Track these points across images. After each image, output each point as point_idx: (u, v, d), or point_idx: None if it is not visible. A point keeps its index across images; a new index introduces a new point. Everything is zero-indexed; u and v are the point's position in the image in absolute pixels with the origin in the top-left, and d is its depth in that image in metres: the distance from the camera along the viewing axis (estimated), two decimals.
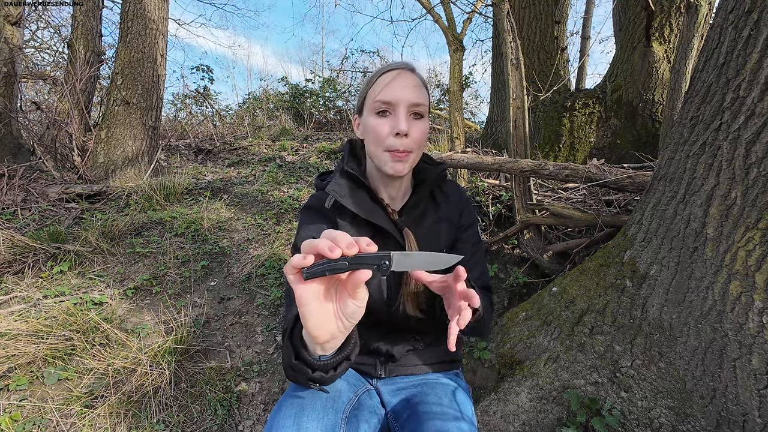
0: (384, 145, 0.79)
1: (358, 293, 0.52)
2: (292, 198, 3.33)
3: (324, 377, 0.62)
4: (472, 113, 9.58)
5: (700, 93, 1.21)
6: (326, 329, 0.54)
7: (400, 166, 0.80)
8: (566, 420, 1.21)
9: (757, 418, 1.00)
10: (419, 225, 0.89)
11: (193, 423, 1.41)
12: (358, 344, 0.66)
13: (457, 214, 0.94)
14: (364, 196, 0.87)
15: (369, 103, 0.81)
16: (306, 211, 0.91)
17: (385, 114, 0.79)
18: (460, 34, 3.23)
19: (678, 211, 1.23)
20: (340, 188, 0.86)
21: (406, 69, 0.82)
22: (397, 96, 0.78)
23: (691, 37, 2.35)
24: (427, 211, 0.92)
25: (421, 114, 0.81)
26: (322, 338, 0.55)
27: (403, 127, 0.77)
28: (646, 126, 3.55)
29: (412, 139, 0.79)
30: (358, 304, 0.53)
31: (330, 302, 0.54)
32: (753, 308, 1.02)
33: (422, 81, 0.83)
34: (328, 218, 0.88)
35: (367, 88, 0.83)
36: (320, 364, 0.60)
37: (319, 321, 0.53)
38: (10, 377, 1.43)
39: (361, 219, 0.85)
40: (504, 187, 3.00)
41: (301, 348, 0.61)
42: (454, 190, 0.97)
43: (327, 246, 0.47)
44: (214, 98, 7.15)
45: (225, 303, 2.06)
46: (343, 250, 0.47)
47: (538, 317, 1.52)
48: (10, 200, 2.73)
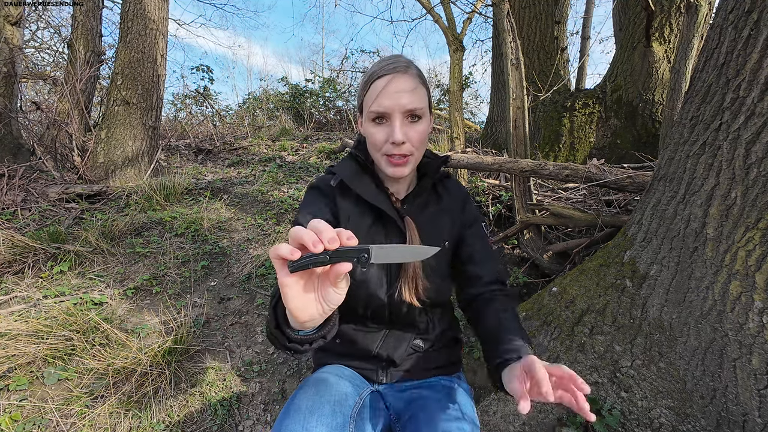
0: (382, 151, 0.80)
1: (339, 283, 0.55)
2: (292, 198, 3.33)
3: (298, 348, 0.64)
4: (472, 113, 9.60)
5: (700, 93, 1.21)
6: (307, 312, 0.57)
7: (399, 170, 0.80)
8: (566, 420, 1.21)
9: (757, 418, 1.00)
10: (421, 214, 0.89)
11: (193, 423, 1.41)
12: (336, 326, 0.67)
13: (459, 208, 0.95)
14: (369, 181, 0.88)
15: (365, 110, 0.81)
16: (310, 190, 0.92)
17: (381, 122, 0.79)
18: (460, 34, 3.23)
19: (678, 211, 1.23)
20: (345, 169, 0.87)
21: (399, 71, 0.78)
22: (390, 105, 0.76)
23: (691, 37, 2.35)
24: (429, 202, 0.92)
25: (419, 116, 0.79)
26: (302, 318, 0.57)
27: (398, 137, 0.76)
28: (646, 126, 3.55)
29: (411, 144, 0.79)
30: (339, 291, 0.56)
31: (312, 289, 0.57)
32: (753, 308, 1.02)
33: (419, 80, 0.80)
34: (330, 198, 0.89)
35: (363, 93, 0.82)
36: (297, 338, 0.63)
37: (300, 304, 0.55)
38: (10, 377, 1.43)
39: (364, 202, 0.86)
40: (504, 187, 3.00)
41: (282, 321, 0.64)
42: (455, 186, 0.98)
43: (311, 240, 0.49)
44: (214, 98, 7.15)
45: (225, 303, 2.06)
46: (324, 244, 0.50)
47: (538, 317, 1.52)
48: (10, 200, 2.73)
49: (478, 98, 10.08)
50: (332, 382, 0.79)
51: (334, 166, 0.90)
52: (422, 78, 0.82)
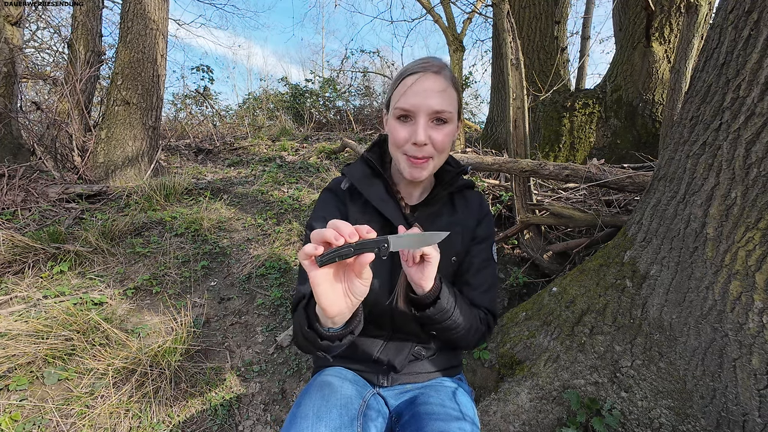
0: (402, 149, 0.79)
1: (363, 273, 0.60)
2: (292, 198, 3.33)
3: (330, 346, 0.69)
4: (472, 113, 9.59)
5: (700, 93, 1.21)
6: (337, 305, 0.62)
7: (417, 172, 0.79)
8: (566, 420, 1.21)
9: (757, 418, 1.00)
10: (432, 224, 0.88)
11: (193, 423, 1.41)
12: (362, 322, 0.72)
13: (474, 223, 0.92)
14: (380, 185, 0.87)
15: (392, 105, 0.79)
16: (324, 192, 0.93)
17: (406, 119, 0.77)
18: (460, 34, 3.23)
19: (678, 211, 1.23)
20: (356, 172, 0.87)
21: (431, 71, 0.76)
22: (417, 104, 0.75)
23: (691, 37, 2.35)
24: (442, 212, 0.90)
25: (445, 120, 0.77)
26: (332, 312, 0.62)
27: (420, 138, 0.75)
28: (646, 126, 3.55)
29: (433, 146, 0.77)
30: (364, 283, 0.61)
31: (339, 282, 0.62)
32: (753, 308, 1.02)
33: (450, 82, 0.78)
34: (342, 202, 0.89)
35: (393, 87, 0.81)
36: (329, 334, 0.67)
37: (330, 298, 0.61)
38: (10, 377, 1.43)
39: (372, 208, 0.85)
40: (504, 187, 3.00)
41: (314, 319, 0.69)
42: (475, 199, 0.95)
43: (332, 235, 0.55)
44: (214, 98, 7.15)
45: (225, 303, 2.05)
46: (345, 238, 0.55)
47: (538, 317, 1.52)
48: (10, 200, 2.73)
49: (478, 98, 10.08)
50: (336, 385, 0.80)
51: (346, 168, 0.90)
52: (455, 82, 0.80)
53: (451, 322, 0.78)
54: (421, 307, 0.76)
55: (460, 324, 0.79)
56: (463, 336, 0.82)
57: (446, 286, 0.77)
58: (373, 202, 0.84)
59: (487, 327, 0.89)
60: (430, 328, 0.80)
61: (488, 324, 0.89)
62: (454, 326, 0.79)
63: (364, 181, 0.86)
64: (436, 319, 0.76)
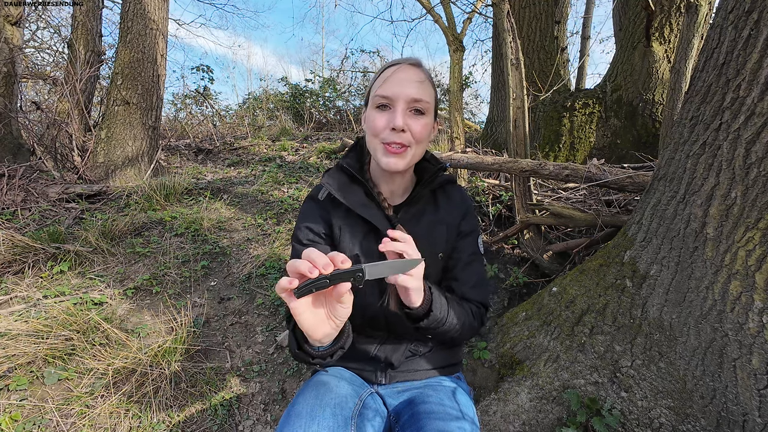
0: (379, 137, 0.79)
1: (343, 299, 0.60)
2: (292, 198, 3.33)
3: (323, 362, 0.71)
4: (472, 113, 9.59)
5: (700, 93, 1.21)
6: (321, 329, 0.63)
7: (393, 160, 0.79)
8: (566, 420, 1.21)
9: (757, 418, 1.00)
10: (416, 224, 0.88)
11: (193, 423, 1.41)
12: (350, 335, 0.74)
13: (458, 218, 0.92)
14: (359, 190, 0.87)
15: (371, 96, 0.81)
16: (307, 201, 0.93)
17: (384, 108, 0.79)
18: (460, 34, 3.23)
19: (678, 211, 1.23)
20: (333, 181, 0.87)
21: (410, 63, 0.80)
22: (396, 91, 0.77)
23: (691, 37, 2.35)
24: (425, 210, 0.90)
25: (423, 110, 0.79)
26: (317, 336, 0.64)
27: (398, 122, 0.76)
28: (646, 126, 3.55)
29: (411, 135, 0.78)
30: (345, 306, 0.62)
31: (321, 307, 0.63)
32: (753, 308, 1.02)
33: (427, 77, 0.81)
34: (324, 209, 0.89)
35: (373, 82, 0.83)
36: (318, 353, 0.70)
37: (313, 324, 0.62)
38: (10, 377, 1.43)
39: (355, 213, 0.85)
40: (504, 187, 3.00)
41: (302, 341, 0.71)
42: (457, 195, 0.95)
43: (307, 268, 0.55)
44: (214, 98, 7.15)
45: (225, 303, 2.05)
46: (320, 270, 0.55)
47: (538, 317, 1.52)
48: (10, 200, 2.73)
49: (478, 98, 10.08)
50: (332, 385, 0.79)
51: (324, 177, 0.89)
52: (431, 78, 0.83)
53: (447, 327, 0.79)
54: (415, 320, 0.77)
55: (455, 326, 0.81)
56: (458, 335, 0.83)
57: (436, 293, 0.77)
58: (354, 209, 0.84)
59: (480, 321, 0.90)
60: (425, 333, 0.80)
61: (481, 317, 0.90)
62: (450, 329, 0.80)
63: (343, 189, 0.86)
64: (432, 328, 0.77)
